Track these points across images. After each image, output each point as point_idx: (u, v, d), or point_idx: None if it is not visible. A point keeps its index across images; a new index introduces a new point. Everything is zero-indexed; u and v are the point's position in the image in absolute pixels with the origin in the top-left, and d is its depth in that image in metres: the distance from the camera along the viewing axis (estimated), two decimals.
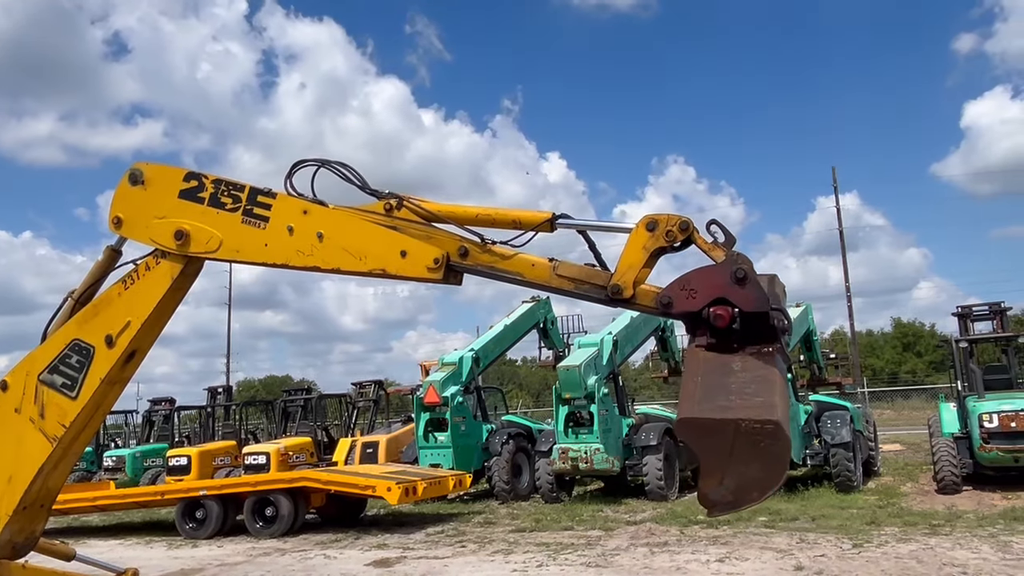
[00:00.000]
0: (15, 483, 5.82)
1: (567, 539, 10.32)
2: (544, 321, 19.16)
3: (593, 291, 4.84)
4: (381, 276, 5.30)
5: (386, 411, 21.70)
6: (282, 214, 5.50)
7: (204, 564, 10.08)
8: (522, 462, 15.72)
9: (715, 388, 4.10)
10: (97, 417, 6.15)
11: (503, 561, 9.05)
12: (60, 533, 14.47)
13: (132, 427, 26.19)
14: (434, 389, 15.65)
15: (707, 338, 4.30)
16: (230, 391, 25.69)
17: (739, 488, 4.09)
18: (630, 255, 4.75)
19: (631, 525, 11.04)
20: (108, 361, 5.75)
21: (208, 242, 5.63)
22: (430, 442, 15.72)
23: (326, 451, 19.51)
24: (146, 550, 11.72)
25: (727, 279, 4.28)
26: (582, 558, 8.90)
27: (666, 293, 4.48)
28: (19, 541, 6.09)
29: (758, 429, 3.87)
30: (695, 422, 4.07)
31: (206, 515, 12.71)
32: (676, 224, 4.64)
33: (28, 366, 5.93)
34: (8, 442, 5.88)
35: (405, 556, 9.76)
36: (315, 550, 10.71)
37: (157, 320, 5.89)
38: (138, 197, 5.87)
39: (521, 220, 5.16)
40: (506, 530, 11.41)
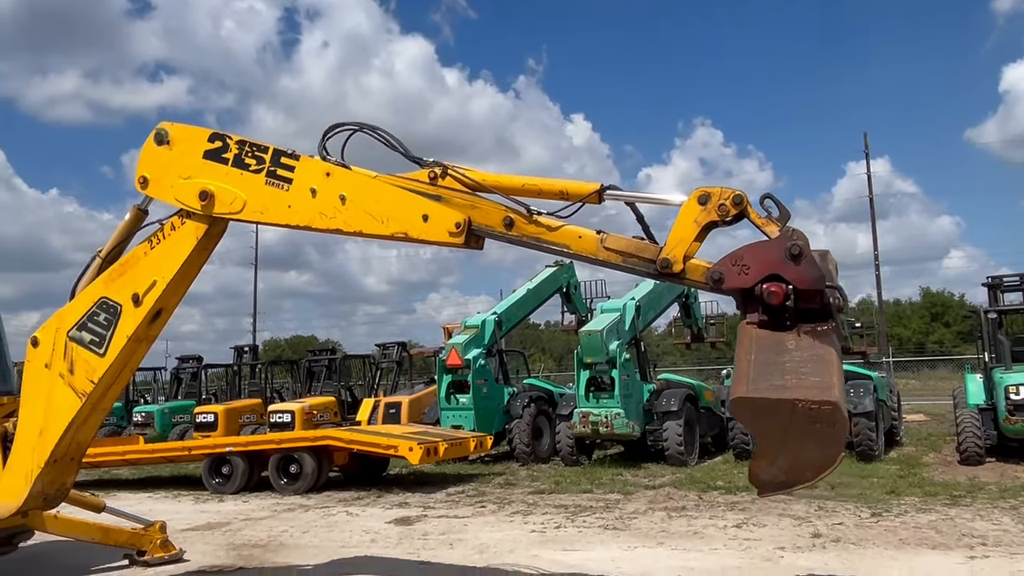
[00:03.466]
0: (46, 437, 5.98)
1: (585, 502, 10.42)
2: (567, 286, 19.14)
3: (641, 265, 4.76)
4: (403, 240, 5.34)
5: (409, 372, 21.89)
6: (305, 176, 5.53)
7: (230, 518, 10.31)
8: (543, 425, 15.85)
9: (769, 367, 4.01)
10: (125, 374, 6.31)
11: (522, 522, 9.16)
12: (91, 486, 14.83)
13: (160, 384, 26.67)
14: (456, 352, 15.75)
15: (759, 315, 4.22)
16: (256, 350, 26.03)
17: (792, 468, 4.04)
18: (681, 229, 4.66)
19: (650, 489, 11.11)
20: (135, 319, 5.86)
21: (232, 203, 5.68)
22: (452, 404, 15.87)
23: (350, 411, 19.78)
24: (174, 503, 11.99)
25: (781, 255, 4.17)
26: (600, 520, 8.98)
27: (717, 269, 4.40)
28: (50, 492, 6.29)
29: (815, 411, 3.79)
30: (749, 402, 3.99)
31: (232, 471, 12.97)
32: (729, 198, 4.53)
33: (57, 323, 6.06)
34: (39, 397, 6.04)
35: (426, 515, 9.91)
36: (338, 507, 10.91)
37: (182, 279, 5.98)
38: (163, 157, 5.93)
39: (568, 191, 5.08)
40: (525, 492, 11.54)
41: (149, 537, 7.74)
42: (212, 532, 9.33)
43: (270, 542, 8.60)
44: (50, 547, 8.13)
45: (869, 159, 43.74)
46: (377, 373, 21.63)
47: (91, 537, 7.50)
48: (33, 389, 6.11)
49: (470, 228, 5.10)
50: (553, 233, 5.01)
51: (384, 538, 8.56)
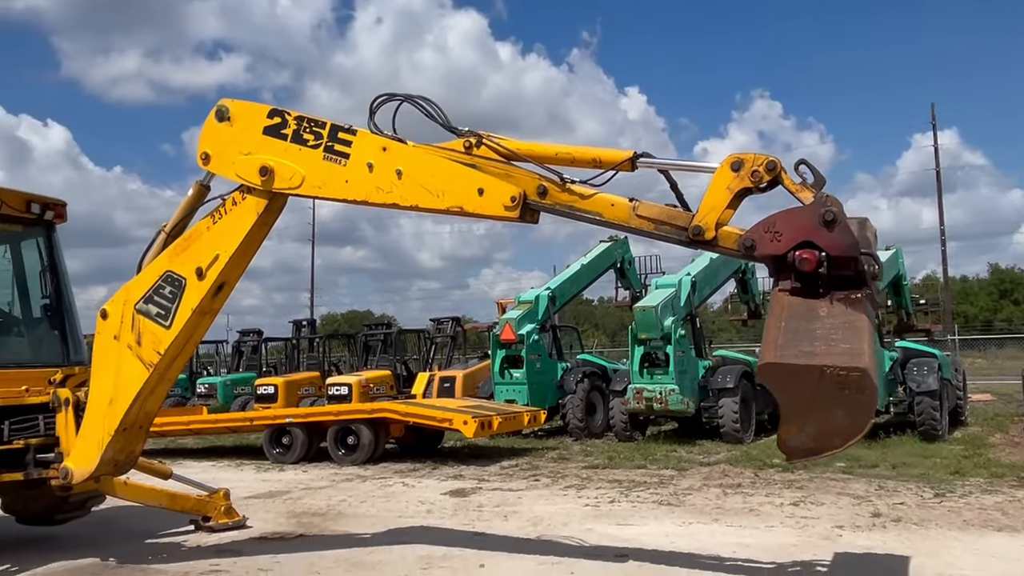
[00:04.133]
0: (115, 406, 6.19)
1: (639, 477, 10.40)
2: (621, 261, 19.00)
3: (674, 232, 4.75)
4: (459, 214, 5.36)
5: (463, 347, 22.06)
6: (362, 151, 5.57)
7: (290, 487, 10.57)
8: (596, 401, 15.85)
9: (799, 333, 4.01)
10: (190, 345, 6.49)
11: (576, 496, 9.19)
12: (158, 454, 15.34)
13: (222, 356, 27.36)
14: (510, 327, 15.80)
15: (792, 282, 4.19)
16: (314, 324, 26.50)
17: (821, 435, 4.02)
18: (713, 196, 4.63)
19: (704, 466, 11.04)
20: (199, 292, 6.01)
21: (291, 178, 5.76)
22: (506, 378, 15.96)
23: (405, 384, 20.01)
24: (236, 472, 12.34)
25: (815, 221, 4.13)
26: (654, 496, 8.96)
27: (749, 235, 4.36)
28: (120, 459, 6.52)
29: (844, 377, 3.78)
30: (777, 367, 3.99)
31: (292, 441, 13.28)
32: (763, 164, 4.48)
33: (125, 296, 6.25)
34: (108, 367, 6.25)
35: (480, 487, 10.02)
36: (394, 478, 11.09)
37: (244, 254, 6.11)
38: (224, 133, 6.04)
39: (601, 159, 5.08)
40: (579, 466, 11.57)
41: (213, 504, 7.99)
42: (273, 500, 9.58)
43: (329, 511, 8.80)
44: (120, 512, 8.45)
45: (936, 130, 42.45)
46: (432, 347, 21.84)
47: (158, 503, 7.77)
48: (103, 360, 6.33)
49: (525, 202, 5.10)
50: (586, 201, 5.05)
51: (440, 509, 8.69)
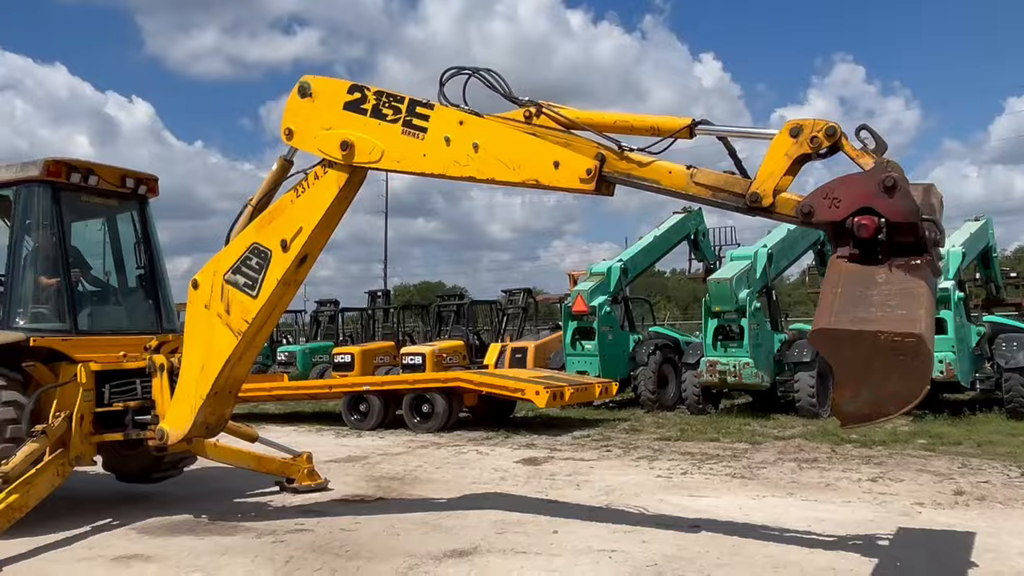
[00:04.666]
0: (206, 371, 6.50)
1: (712, 450, 10.37)
2: (695, 233, 18.78)
3: (731, 199, 4.75)
4: (534, 186, 5.40)
5: (534, 318, 22.19)
6: (439, 125, 5.66)
7: (368, 452, 10.90)
8: (668, 373, 15.78)
9: (855, 299, 4.03)
10: (275, 314, 6.73)
11: (648, 467, 9.23)
12: (243, 418, 15.98)
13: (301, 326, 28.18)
14: (582, 298, 15.83)
15: (850, 249, 4.17)
16: (388, 295, 27.05)
17: (876, 401, 4.04)
18: (771, 162, 4.60)
19: (779, 440, 10.93)
20: (283, 264, 6.23)
21: (371, 152, 5.90)
22: (577, 350, 16.02)
23: (477, 355, 20.27)
24: (317, 437, 12.77)
25: (874, 187, 4.09)
26: (727, 469, 8.94)
27: (807, 202, 4.33)
28: (211, 422, 6.85)
29: (898, 343, 3.79)
30: (830, 333, 4.03)
31: (369, 409, 13.67)
32: (822, 129, 4.44)
33: (215, 267, 6.52)
34: (200, 335, 6.55)
35: (552, 456, 10.15)
36: (468, 446, 11.32)
37: (325, 226, 6.29)
38: (306, 109, 6.20)
39: (659, 127, 5.10)
40: (651, 438, 11.59)
41: (297, 467, 8.33)
42: (352, 465, 9.91)
43: (406, 476, 9.07)
44: (210, 472, 8.89)
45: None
46: (503, 319, 22.04)
47: (246, 464, 8.14)
48: (194, 328, 6.64)
49: (601, 174, 5.11)
50: (644, 169, 5.07)
51: (513, 476, 8.85)
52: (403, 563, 5.56)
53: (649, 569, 5.27)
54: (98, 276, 7.79)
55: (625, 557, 5.55)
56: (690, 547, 5.77)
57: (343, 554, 5.86)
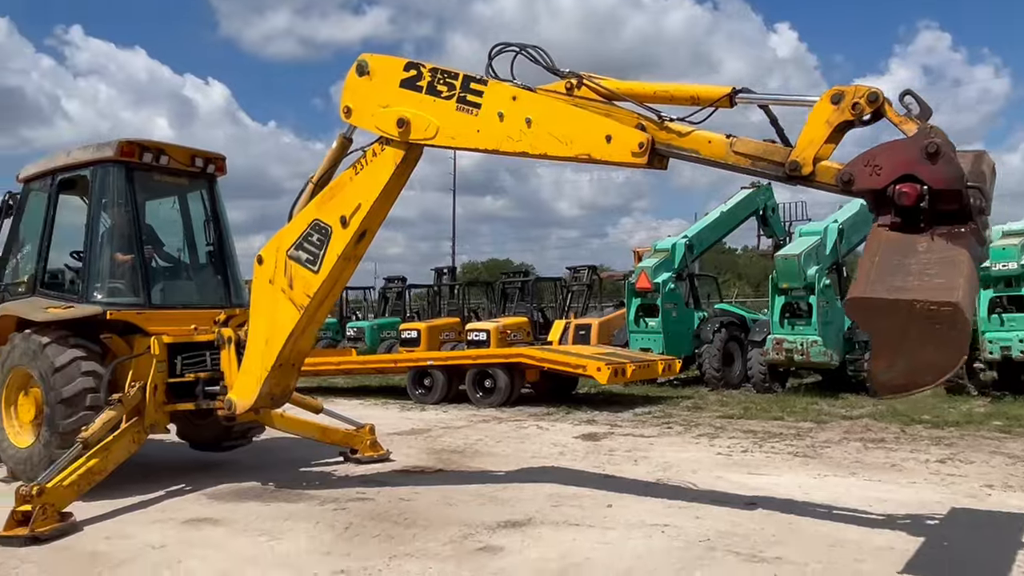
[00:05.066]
0: (271, 344, 6.71)
1: (776, 428, 10.23)
2: (764, 208, 18.42)
3: (770, 168, 4.69)
4: (587, 161, 5.40)
5: (599, 295, 22.12)
6: (493, 100, 5.69)
7: (431, 426, 11.10)
8: (734, 351, 15.57)
9: (893, 268, 3.96)
10: (336, 289, 6.89)
11: (708, 444, 9.17)
12: (312, 391, 16.44)
13: (370, 302, 28.71)
14: (646, 275, 15.71)
15: (891, 217, 4.08)
16: (454, 272, 27.30)
17: (912, 371, 3.98)
18: (811, 129, 4.52)
19: (846, 420, 10.70)
20: (343, 239, 6.37)
21: (426, 129, 5.97)
22: (641, 327, 15.94)
23: (541, 331, 20.35)
24: (382, 410, 13.06)
25: (916, 154, 3.99)
26: (789, 448, 8.80)
27: (847, 169, 4.25)
28: (276, 394, 7.07)
29: (934, 312, 3.72)
30: (865, 302, 3.97)
31: (433, 383, 13.91)
32: (864, 95, 4.35)
33: (278, 243, 6.71)
34: (264, 309, 6.76)
35: (612, 432, 10.16)
36: (529, 421, 11.42)
37: (384, 203, 6.40)
38: (364, 87, 6.30)
39: (699, 96, 5.05)
40: (713, 415, 11.49)
41: (360, 438, 8.55)
42: (415, 437, 10.11)
43: (466, 449, 9.21)
44: (278, 442, 9.20)
45: None
46: (568, 296, 22.03)
47: (311, 434, 8.40)
48: (259, 302, 6.86)
49: (653, 148, 5.07)
50: (683, 139, 5.04)
51: (572, 451, 8.90)
52: (458, 532, 5.68)
53: (701, 544, 5.26)
54: (170, 252, 8.09)
55: (678, 532, 5.55)
56: (744, 524, 5.73)
57: (401, 522, 6.01)
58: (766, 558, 4.93)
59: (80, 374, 6.81)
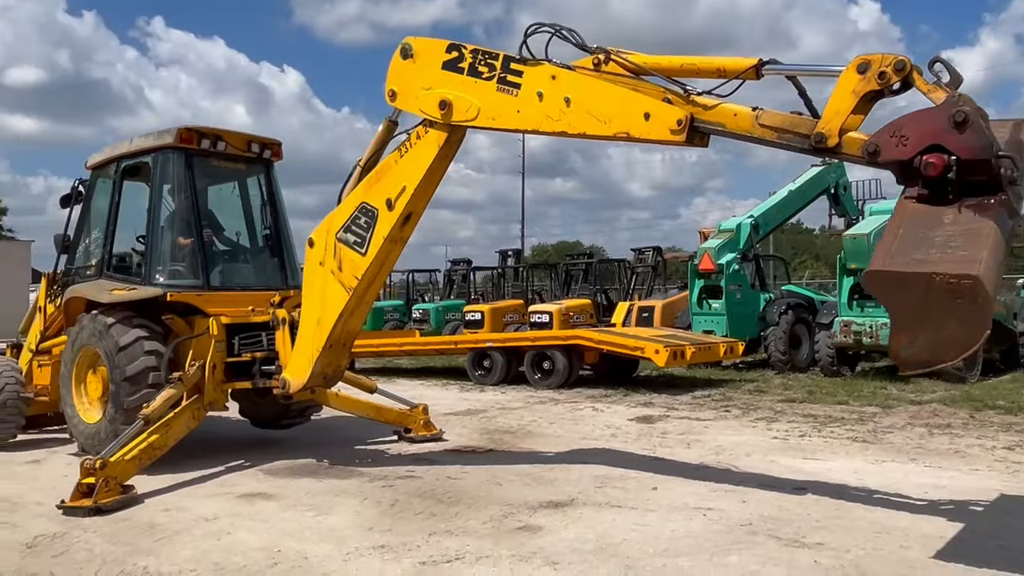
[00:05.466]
0: (322, 325, 6.86)
1: (838, 413, 9.95)
2: (835, 186, 17.87)
3: (796, 140, 4.60)
4: (625, 140, 5.33)
5: (663, 277, 21.85)
6: (533, 80, 5.66)
7: (487, 406, 11.20)
8: (801, 333, 15.20)
9: (915, 241, 3.85)
10: (383, 271, 6.99)
11: (765, 428, 8.99)
12: (377, 372, 16.77)
13: (436, 284, 29.01)
14: (709, 256, 15.45)
15: (919, 189, 3.97)
16: (519, 254, 27.31)
17: (934, 346, 3.87)
18: (837, 100, 4.42)
19: (914, 405, 10.34)
20: (389, 222, 6.46)
21: (468, 110, 5.98)
22: (704, 309, 15.70)
23: (605, 313, 20.24)
24: (441, 391, 13.23)
25: (944, 123, 3.87)
26: (850, 432, 8.56)
27: (873, 140, 4.14)
28: (328, 373, 7.23)
29: (954, 285, 3.60)
30: (884, 275, 3.87)
31: (492, 364, 14.01)
32: (890, 64, 4.23)
33: (328, 225, 6.84)
34: (315, 291, 6.91)
35: (668, 415, 10.06)
36: (585, 403, 11.40)
37: (428, 185, 6.46)
38: (408, 70, 6.35)
39: (725, 68, 4.98)
40: (775, 399, 11.25)
41: (414, 417, 8.68)
42: (470, 417, 10.21)
43: (519, 429, 9.26)
44: (335, 421, 9.42)
45: None
46: (632, 277, 21.84)
47: (365, 413, 8.57)
48: (310, 284, 7.01)
49: (692, 124, 4.97)
50: (709, 112, 5.00)
51: (624, 434, 8.86)
52: (499, 511, 5.73)
53: (742, 528, 5.17)
54: (229, 236, 8.34)
55: (720, 515, 5.47)
56: (791, 508, 5.62)
57: (445, 500, 6.10)
58: (807, 543, 4.82)
59: (143, 353, 7.10)
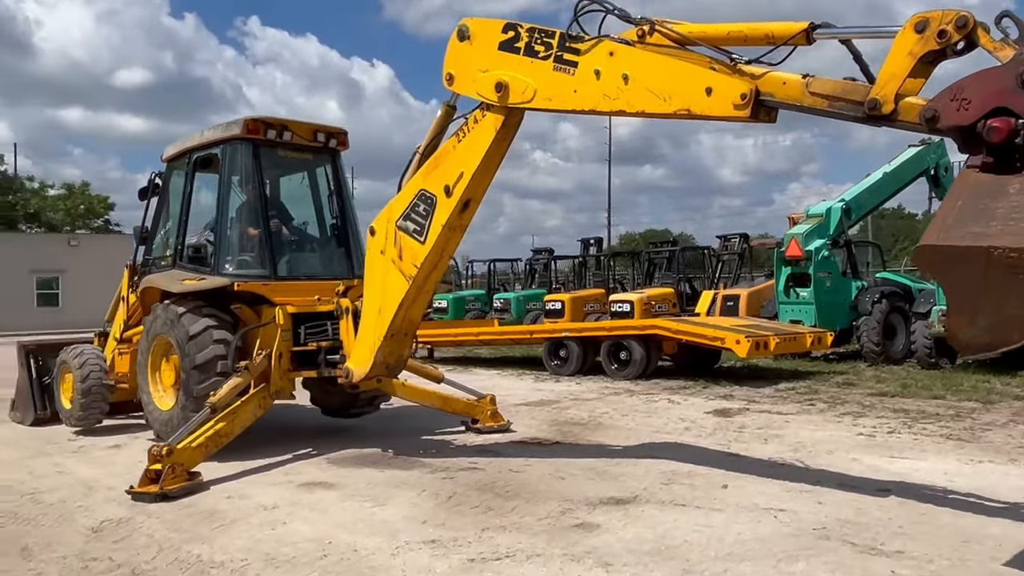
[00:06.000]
0: (383, 314, 6.79)
1: (932, 408, 9.32)
2: (935, 167, 16.82)
3: (849, 108, 4.25)
4: (686, 117, 5.02)
5: (750, 264, 21.13)
6: (590, 58, 5.41)
7: (560, 397, 10.99)
8: (897, 323, 14.41)
9: (974, 213, 3.47)
10: (443, 260, 6.85)
11: (851, 423, 8.48)
12: (454, 360, 16.81)
13: (518, 274, 28.92)
14: (796, 242, 14.78)
15: (983, 157, 3.57)
16: (601, 243, 26.92)
17: (996, 327, 3.50)
18: (893, 63, 4.05)
19: (1019, 400, 9.60)
20: (447, 208, 6.32)
21: (524, 92, 5.78)
22: (791, 298, 15.04)
23: (689, 303, 19.70)
24: (516, 381, 13.10)
25: (1010, 83, 3.44)
26: (943, 429, 7.98)
27: (932, 105, 3.76)
28: (390, 362, 7.16)
29: (1015, 259, 3.24)
30: (937, 250, 3.53)
31: (568, 354, 13.79)
32: (952, 21, 3.83)
33: (388, 214, 6.75)
34: (376, 279, 6.84)
35: (748, 408, 9.64)
36: (662, 394, 11.06)
37: (486, 170, 6.28)
38: (465, 53, 6.18)
39: (774, 34, 4.64)
40: (865, 393, 10.65)
41: (481, 408, 8.56)
42: (541, 408, 10.03)
43: (590, 421, 9.03)
44: (407, 411, 9.40)
45: None
46: (718, 265, 21.19)
47: (431, 403, 8.50)
48: (372, 273, 6.95)
49: (758, 98, 4.63)
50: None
51: (699, 427, 8.51)
52: (557, 507, 5.53)
53: (814, 532, 4.82)
54: (296, 225, 8.38)
55: (791, 518, 5.13)
56: (870, 512, 5.22)
57: (503, 494, 5.94)
58: (885, 551, 4.45)
59: (212, 342, 7.19)
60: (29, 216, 50.26)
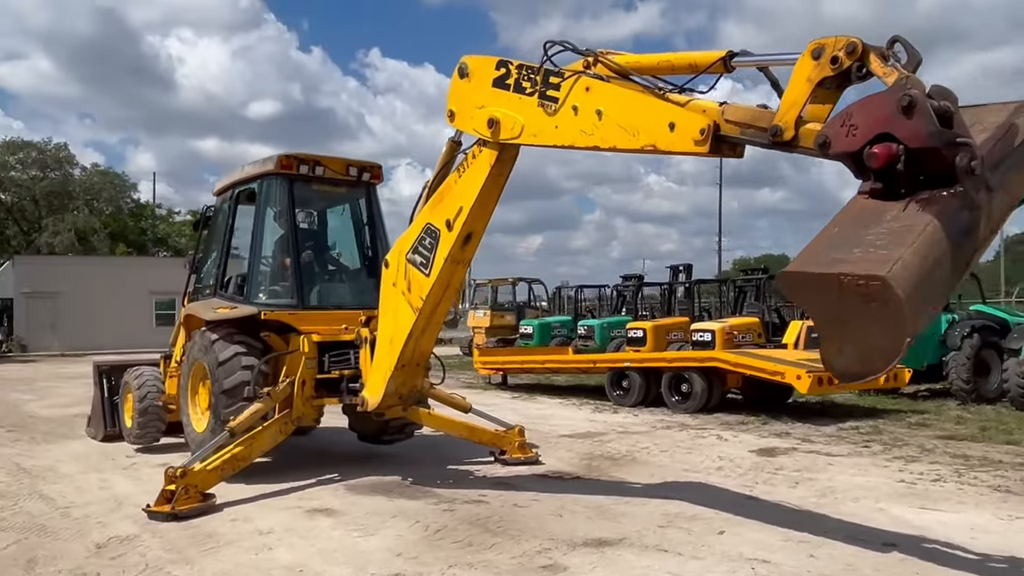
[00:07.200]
0: (394, 344, 6.93)
1: (998, 455, 8.61)
2: None
3: (757, 135, 4.23)
4: (652, 152, 4.95)
5: None
6: (568, 94, 5.38)
7: (608, 429, 10.81)
8: (991, 359, 13.40)
9: (845, 239, 3.41)
10: (449, 292, 6.92)
11: (897, 469, 7.95)
12: (531, 388, 16.79)
13: (605, 300, 28.61)
14: None
15: (871, 184, 3.44)
16: (690, 269, 26.28)
17: (862, 355, 3.44)
18: (793, 90, 4.01)
19: None
20: (449, 242, 6.41)
21: (513, 128, 5.82)
22: None
23: (776, 332, 18.96)
24: (573, 411, 12.96)
25: (892, 108, 3.27)
26: (997, 479, 7.36)
27: (824, 131, 3.72)
28: (403, 392, 7.29)
29: (863, 287, 3.18)
30: (795, 276, 3.50)
31: (630, 385, 13.55)
32: (843, 47, 3.71)
33: (400, 246, 6.91)
34: (389, 311, 7.00)
35: (796, 448, 9.20)
36: (715, 429, 10.70)
37: (483, 204, 6.34)
38: (464, 89, 6.28)
39: (696, 63, 4.70)
40: (933, 435, 9.95)
41: (509, 439, 8.54)
42: (581, 441, 9.89)
43: (623, 456, 8.84)
44: (443, 439, 9.48)
45: None
46: None
47: (457, 433, 8.54)
48: (385, 304, 7.10)
49: (716, 134, 4.48)
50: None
51: (733, 467, 8.18)
52: (537, 546, 5.46)
53: None
54: (329, 256, 8.66)
55: (769, 571, 4.87)
56: (861, 569, 4.89)
57: (493, 529, 5.91)
58: None
59: (240, 368, 7.51)
60: (158, 241, 53.96)
